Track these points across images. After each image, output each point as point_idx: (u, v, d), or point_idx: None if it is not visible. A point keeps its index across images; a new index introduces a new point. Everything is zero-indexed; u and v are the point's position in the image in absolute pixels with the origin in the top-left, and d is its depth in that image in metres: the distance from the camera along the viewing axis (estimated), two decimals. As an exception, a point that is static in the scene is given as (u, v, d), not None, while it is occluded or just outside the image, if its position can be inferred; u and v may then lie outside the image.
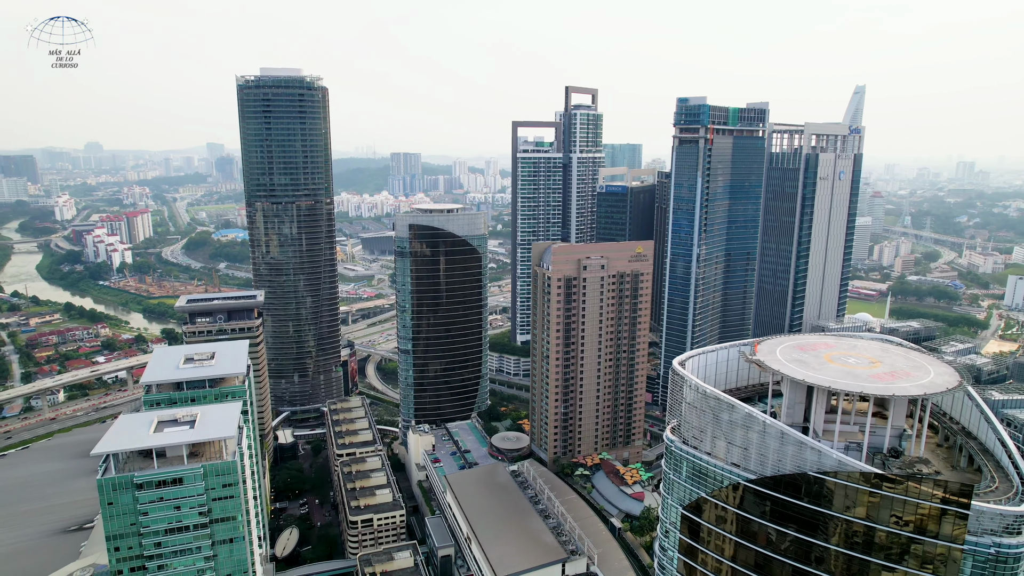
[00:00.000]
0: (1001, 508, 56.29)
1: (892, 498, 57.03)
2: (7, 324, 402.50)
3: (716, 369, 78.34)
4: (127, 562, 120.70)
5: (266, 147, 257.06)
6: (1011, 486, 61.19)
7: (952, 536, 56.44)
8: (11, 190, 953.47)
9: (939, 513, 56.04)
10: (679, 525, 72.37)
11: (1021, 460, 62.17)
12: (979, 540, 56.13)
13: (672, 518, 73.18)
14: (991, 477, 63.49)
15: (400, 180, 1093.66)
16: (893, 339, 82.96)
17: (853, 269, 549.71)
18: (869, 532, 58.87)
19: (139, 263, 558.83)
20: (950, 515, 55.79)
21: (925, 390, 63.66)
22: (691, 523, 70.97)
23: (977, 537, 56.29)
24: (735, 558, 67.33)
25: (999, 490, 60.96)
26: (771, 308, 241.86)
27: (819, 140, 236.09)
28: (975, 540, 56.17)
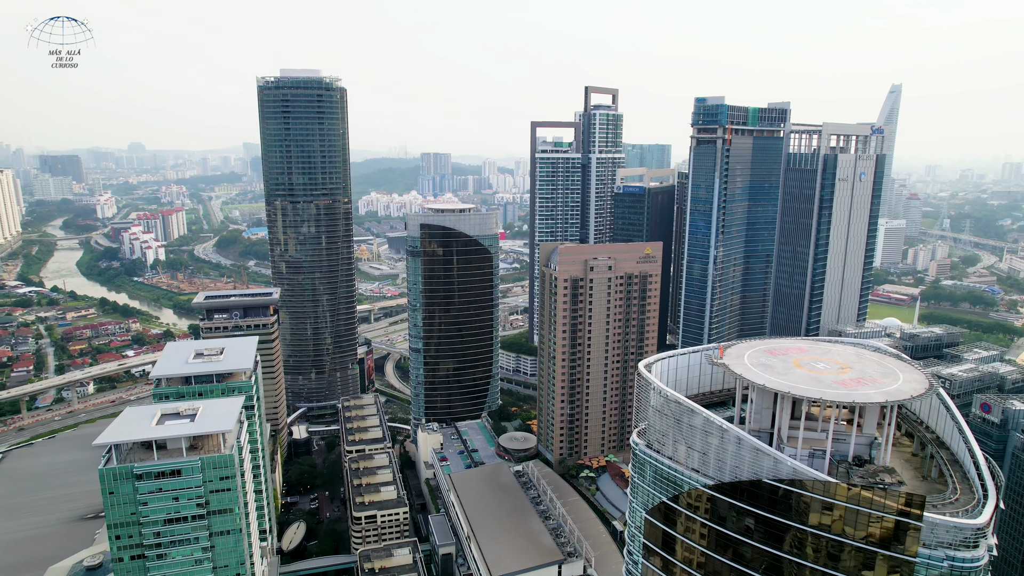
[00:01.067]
0: (954, 520, 54.28)
1: (845, 507, 55.52)
2: (45, 318, 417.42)
3: (688, 373, 77.26)
4: (127, 550, 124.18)
5: (285, 147, 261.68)
6: (972, 498, 58.97)
7: (905, 548, 54.66)
8: (57, 189, 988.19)
9: (892, 524, 54.34)
10: (643, 529, 71.67)
11: (987, 472, 59.94)
12: (932, 553, 54.20)
13: (637, 522, 72.48)
14: (954, 488, 61.28)
15: (430, 180, 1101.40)
16: (873, 344, 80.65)
17: (884, 273, 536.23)
18: (823, 542, 57.45)
19: (172, 260, 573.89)
20: (902, 527, 54.08)
21: (888, 397, 61.76)
22: (653, 527, 70.21)
23: (931, 550, 54.35)
24: (692, 563, 66.42)
25: (959, 502, 58.72)
26: (788, 311, 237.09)
27: (840, 140, 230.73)
28: (928, 553, 54.27)
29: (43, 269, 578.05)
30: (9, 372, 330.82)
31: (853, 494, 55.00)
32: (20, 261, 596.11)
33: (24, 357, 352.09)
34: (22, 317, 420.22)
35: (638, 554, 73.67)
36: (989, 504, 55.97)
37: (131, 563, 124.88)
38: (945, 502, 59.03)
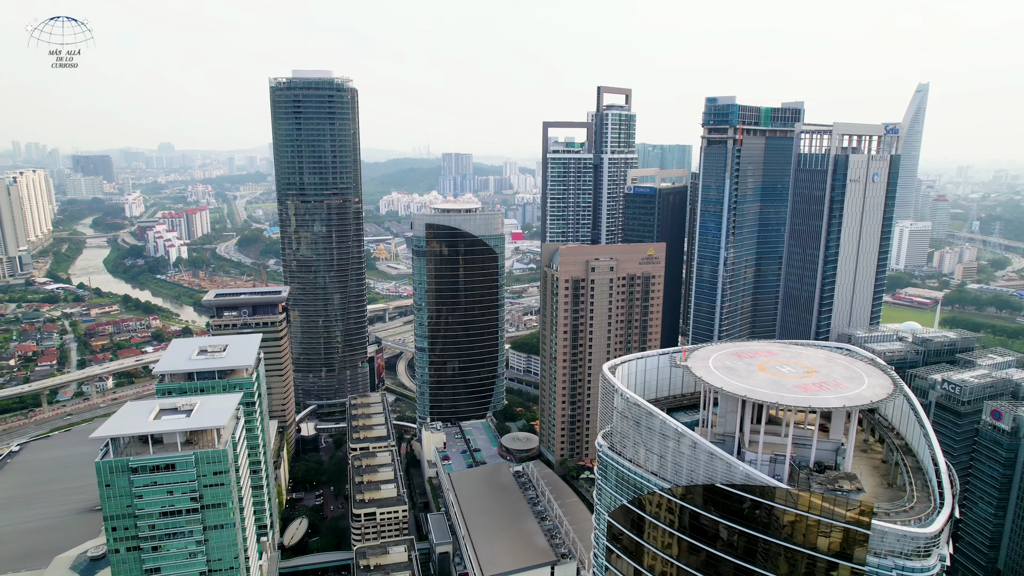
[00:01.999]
0: (904, 529, 52.89)
1: (794, 514, 54.50)
2: (71, 314, 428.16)
3: (658, 375, 76.56)
4: (123, 542, 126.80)
5: (296, 147, 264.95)
6: (928, 506, 57.42)
7: (854, 556, 53.48)
8: (88, 188, 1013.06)
9: (841, 531, 53.22)
10: (606, 532, 71.27)
11: (947, 480, 58.38)
12: (882, 562, 52.85)
13: (601, 525, 72.11)
14: (911, 496, 59.73)
15: (451, 180, 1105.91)
16: (848, 348, 78.99)
17: (908, 276, 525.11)
18: (773, 548, 56.49)
19: (194, 258, 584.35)
20: (851, 534, 52.88)
21: (846, 402, 60.47)
22: (615, 530, 69.78)
23: (880, 559, 53.02)
24: (653, 567, 65.87)
25: (914, 510, 57.16)
26: (797, 314, 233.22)
27: (854, 141, 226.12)
28: (877, 562, 52.94)
29: (72, 266, 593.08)
30: (34, 366, 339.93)
31: (803, 500, 54.00)
32: (50, 258, 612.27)
33: (49, 352, 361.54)
34: (48, 313, 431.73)
35: (602, 556, 73.30)
36: (943, 514, 54.48)
37: (127, 555, 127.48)
38: (899, 510, 57.60)
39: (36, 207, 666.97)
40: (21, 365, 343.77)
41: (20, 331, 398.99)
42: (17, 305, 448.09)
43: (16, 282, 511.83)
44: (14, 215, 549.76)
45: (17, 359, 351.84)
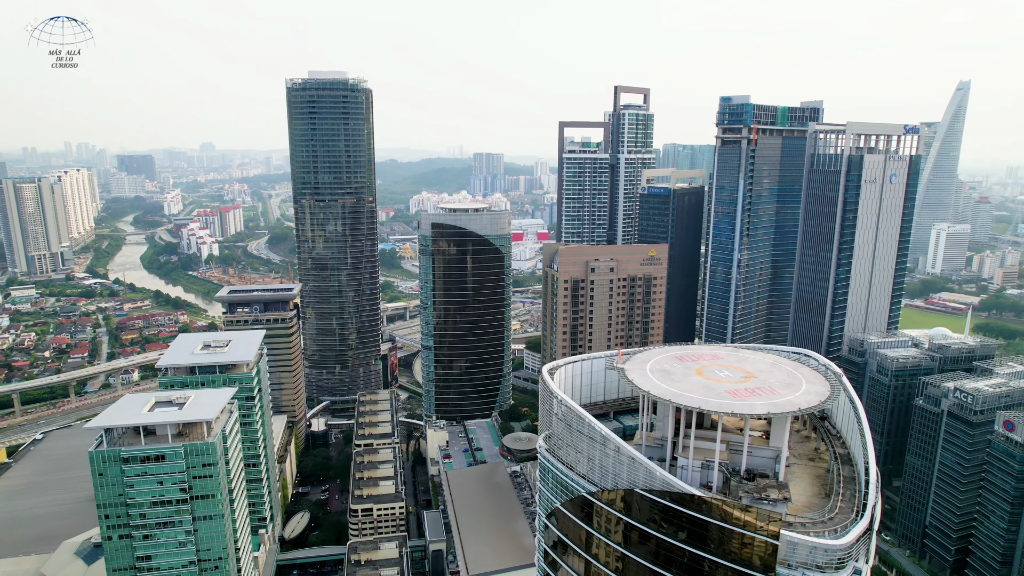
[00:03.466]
0: (814, 541, 51.17)
1: (707, 522, 53.32)
2: (105, 308, 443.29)
3: (605, 377, 75.70)
4: (116, 530, 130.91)
5: (311, 147, 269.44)
6: (849, 518, 55.42)
7: (765, 567, 52.03)
8: (131, 186, 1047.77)
9: (751, 541, 51.85)
10: (543, 535, 70.89)
11: (873, 492, 56.31)
12: (791, 573, 51.13)
13: (541, 527, 71.77)
14: (833, 506, 57.74)
15: (481, 180, 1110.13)
16: (807, 353, 76.88)
17: (943, 280, 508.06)
18: (691, 556, 55.40)
19: (225, 255, 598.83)
20: (760, 544, 51.43)
21: (771, 408, 58.77)
22: (550, 533, 69.38)
23: (791, 570, 51.36)
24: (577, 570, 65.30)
25: (833, 521, 55.24)
26: (809, 318, 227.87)
27: (871, 141, 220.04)
28: (787, 574, 51.27)
29: (111, 262, 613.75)
30: (66, 358, 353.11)
31: (715, 508, 52.83)
32: (91, 254, 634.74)
33: (81, 344, 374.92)
34: (85, 307, 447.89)
35: (542, 559, 72.96)
36: (858, 526, 52.59)
37: (119, 542, 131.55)
38: (817, 520, 55.84)
39: (79, 205, 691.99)
40: (55, 357, 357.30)
41: (57, 324, 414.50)
42: (56, 299, 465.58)
43: (57, 277, 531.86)
44: (57, 213, 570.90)
45: (52, 351, 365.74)
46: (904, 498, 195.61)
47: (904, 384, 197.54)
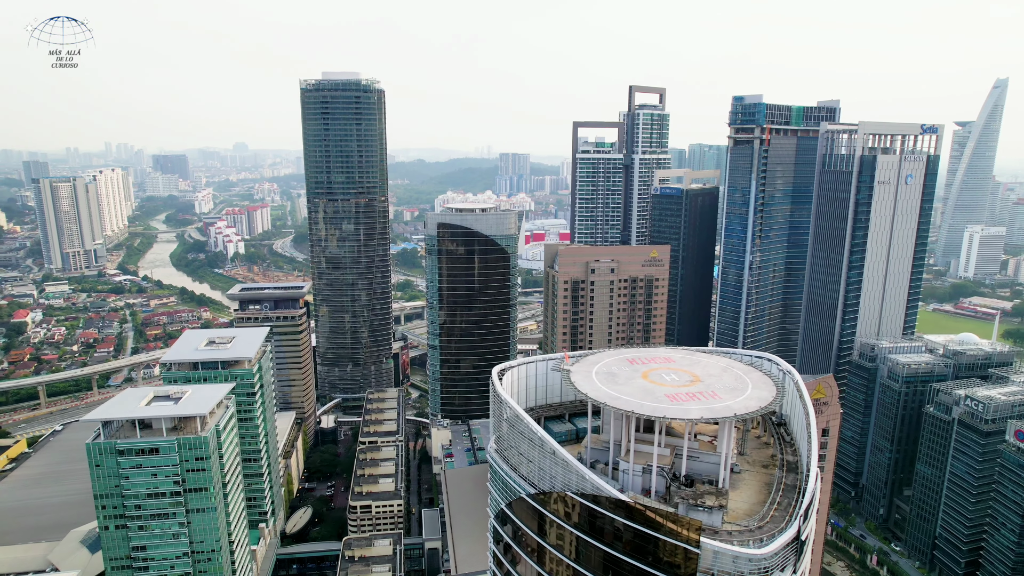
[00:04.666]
0: (734, 549, 49.90)
1: (632, 528, 52.53)
2: (132, 304, 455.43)
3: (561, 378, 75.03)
4: (112, 520, 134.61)
5: (324, 147, 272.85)
6: (777, 526, 53.92)
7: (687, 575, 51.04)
8: (165, 185, 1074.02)
9: (672, 548, 50.89)
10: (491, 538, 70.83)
11: (807, 502, 54.76)
12: (712, 583, 50.27)
13: (491, 530, 71.73)
14: (764, 515, 56.20)
15: (507, 180, 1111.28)
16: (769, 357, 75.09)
17: (976, 284, 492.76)
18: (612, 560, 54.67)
19: (251, 253, 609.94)
20: (681, 552, 50.44)
21: (705, 413, 57.47)
22: (498, 536, 69.26)
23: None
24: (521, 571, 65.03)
25: (762, 529, 53.79)
26: (820, 322, 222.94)
27: (885, 140, 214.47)
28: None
29: (142, 259, 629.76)
30: (93, 352, 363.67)
31: (637, 514, 52.08)
32: (123, 251, 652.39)
33: (108, 339, 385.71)
34: (114, 303, 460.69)
35: (491, 561, 72.88)
36: (783, 536, 51.21)
37: (116, 532, 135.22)
38: (743, 529, 54.49)
39: (113, 203, 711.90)
40: (82, 351, 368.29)
41: (87, 319, 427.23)
42: (87, 295, 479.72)
43: (90, 273, 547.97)
44: (91, 211, 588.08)
45: (80, 345, 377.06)
46: (914, 508, 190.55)
47: (915, 391, 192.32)
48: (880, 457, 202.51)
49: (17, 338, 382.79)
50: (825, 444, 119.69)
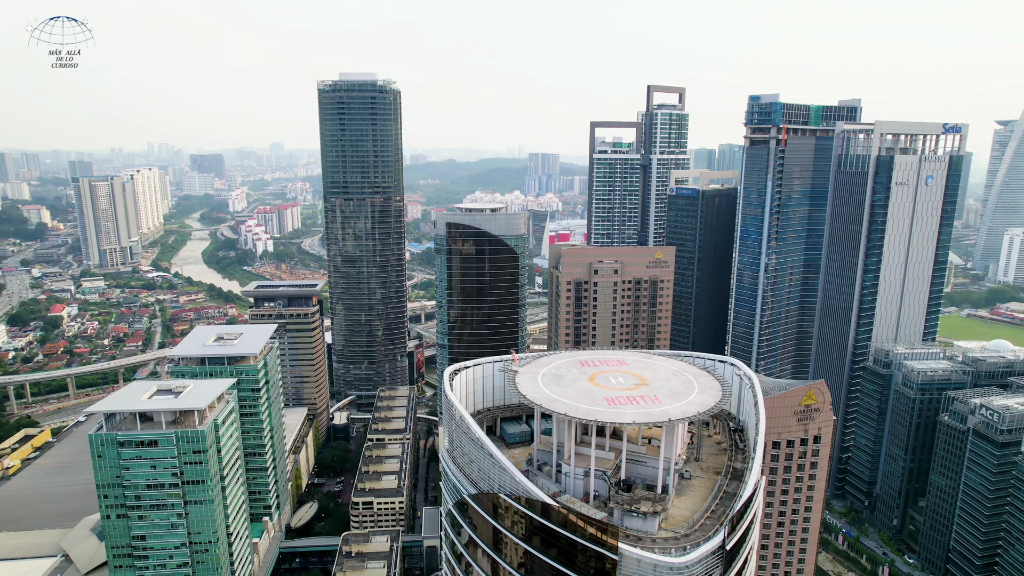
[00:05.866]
0: (653, 557, 48.80)
1: (557, 532, 51.99)
2: (162, 300, 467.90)
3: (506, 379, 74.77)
4: (114, 509, 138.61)
5: (340, 147, 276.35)
6: (705, 535, 52.54)
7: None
8: (202, 184, 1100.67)
9: (593, 554, 50.17)
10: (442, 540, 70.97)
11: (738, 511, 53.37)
12: (633, 590, 49.28)
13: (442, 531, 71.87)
14: (694, 523, 54.82)
15: (536, 180, 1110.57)
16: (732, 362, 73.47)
17: (1015, 290, 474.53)
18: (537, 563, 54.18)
19: (279, 252, 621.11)
20: (601, 558, 49.64)
21: (638, 418, 56.46)
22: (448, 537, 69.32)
23: (633, 586, 49.45)
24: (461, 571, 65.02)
25: (688, 538, 52.46)
26: (835, 325, 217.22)
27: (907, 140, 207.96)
28: (629, 589, 49.42)
29: (175, 257, 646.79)
30: (122, 346, 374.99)
31: (558, 516, 51.53)
32: (158, 248, 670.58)
33: (137, 333, 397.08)
34: (145, 298, 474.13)
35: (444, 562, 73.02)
36: (706, 545, 49.96)
37: (117, 521, 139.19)
38: (669, 536, 53.37)
39: (150, 202, 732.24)
40: (113, 344, 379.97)
41: (119, 314, 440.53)
42: (121, 291, 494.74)
43: (125, 270, 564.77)
44: (127, 209, 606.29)
45: (110, 339, 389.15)
46: (928, 519, 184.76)
47: (930, 398, 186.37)
48: (894, 466, 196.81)
49: (53, 331, 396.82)
50: (817, 452, 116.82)
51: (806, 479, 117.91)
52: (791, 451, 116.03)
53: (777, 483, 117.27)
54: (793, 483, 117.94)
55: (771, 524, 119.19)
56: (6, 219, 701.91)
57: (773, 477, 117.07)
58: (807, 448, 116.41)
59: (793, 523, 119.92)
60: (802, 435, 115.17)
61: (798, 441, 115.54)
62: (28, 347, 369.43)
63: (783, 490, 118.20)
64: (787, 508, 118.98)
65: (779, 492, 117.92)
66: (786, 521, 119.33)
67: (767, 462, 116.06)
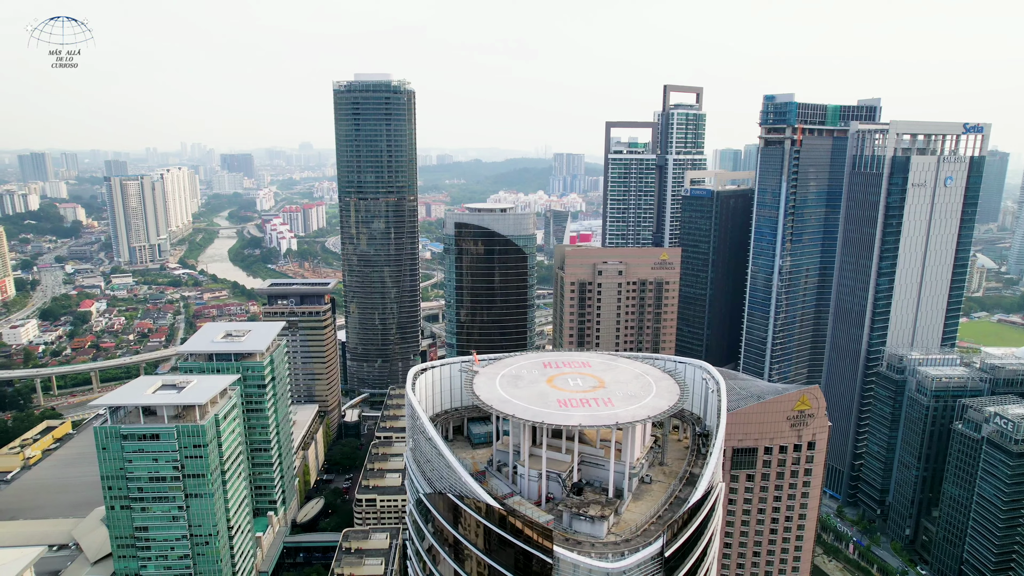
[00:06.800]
0: (586, 561, 47.96)
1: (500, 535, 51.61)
2: (187, 297, 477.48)
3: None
4: (118, 500, 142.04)
5: (355, 146, 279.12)
6: (645, 541, 51.54)
7: (546, 585, 49.82)
8: (231, 183, 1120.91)
9: (527, 557, 49.69)
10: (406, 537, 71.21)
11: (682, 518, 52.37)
12: (569, 595, 48.60)
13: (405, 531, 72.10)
14: (637, 528, 53.81)
15: (560, 180, 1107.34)
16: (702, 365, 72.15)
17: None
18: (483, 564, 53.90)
19: (303, 250, 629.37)
20: (537, 561, 49.13)
21: (584, 421, 55.59)
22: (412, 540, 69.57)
23: (570, 591, 48.78)
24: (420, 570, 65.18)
25: (628, 543, 51.49)
26: (848, 330, 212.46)
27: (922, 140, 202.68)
28: (565, 594, 48.74)
29: (202, 254, 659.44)
30: (146, 342, 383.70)
31: (499, 519, 51.25)
32: (186, 246, 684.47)
33: (161, 329, 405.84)
34: (171, 295, 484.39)
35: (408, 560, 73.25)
36: (643, 552, 49.05)
37: (121, 512, 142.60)
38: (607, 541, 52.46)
39: (179, 201, 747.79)
40: (137, 340, 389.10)
41: (145, 310, 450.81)
42: (148, 287, 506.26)
43: (153, 267, 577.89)
44: (156, 208, 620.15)
45: (135, 334, 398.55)
46: (941, 530, 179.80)
47: (945, 406, 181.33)
48: (907, 475, 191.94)
49: (82, 326, 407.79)
50: (812, 458, 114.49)
51: (800, 486, 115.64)
52: (784, 457, 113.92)
53: (769, 489, 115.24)
54: (786, 490, 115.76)
55: (763, 531, 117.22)
56: (44, 217, 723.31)
57: (765, 483, 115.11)
58: (801, 454, 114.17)
59: (787, 530, 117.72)
60: (795, 441, 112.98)
61: (791, 447, 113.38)
62: (57, 341, 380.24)
63: (776, 496, 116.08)
64: (780, 515, 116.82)
65: (771, 499, 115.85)
66: (779, 528, 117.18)
67: (759, 468, 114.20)
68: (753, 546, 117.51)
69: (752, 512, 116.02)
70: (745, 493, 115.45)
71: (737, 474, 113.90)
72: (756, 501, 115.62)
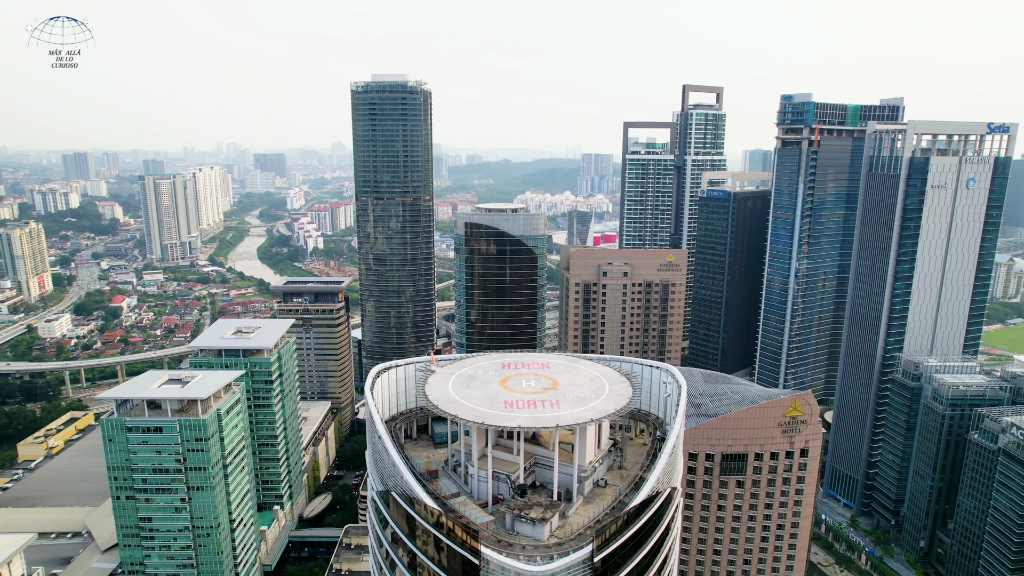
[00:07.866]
0: (513, 564, 47.30)
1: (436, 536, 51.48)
2: (214, 293, 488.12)
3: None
4: (123, 491, 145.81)
5: (371, 146, 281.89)
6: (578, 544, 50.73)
7: (479, 585, 49.53)
8: (263, 183, 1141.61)
9: (461, 558, 49.38)
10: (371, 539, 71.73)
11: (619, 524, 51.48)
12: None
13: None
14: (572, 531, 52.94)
15: (588, 180, 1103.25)
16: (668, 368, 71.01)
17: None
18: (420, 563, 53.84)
19: (329, 249, 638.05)
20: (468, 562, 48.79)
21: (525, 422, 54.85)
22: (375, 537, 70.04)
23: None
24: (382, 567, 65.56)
25: (561, 547, 50.69)
26: (863, 335, 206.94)
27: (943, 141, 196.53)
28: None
29: (231, 252, 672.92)
30: (172, 337, 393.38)
31: (434, 518, 51.17)
32: (216, 244, 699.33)
33: (187, 325, 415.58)
34: (199, 291, 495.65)
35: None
36: (570, 556, 48.34)
37: (126, 502, 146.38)
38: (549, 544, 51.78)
39: (211, 199, 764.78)
40: (164, 335, 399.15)
41: (173, 306, 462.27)
42: (177, 284, 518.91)
43: (183, 263, 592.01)
44: (188, 206, 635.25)
45: (162, 329, 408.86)
46: (955, 542, 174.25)
47: (962, 415, 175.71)
48: (922, 485, 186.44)
49: (113, 321, 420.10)
50: (804, 465, 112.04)
51: (792, 493, 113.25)
52: (775, 464, 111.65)
53: (760, 496, 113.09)
54: (778, 497, 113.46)
55: (754, 540, 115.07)
56: (83, 215, 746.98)
57: (756, 490, 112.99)
58: (793, 461, 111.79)
59: (779, 539, 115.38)
60: (787, 447, 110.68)
61: (783, 454, 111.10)
62: (89, 335, 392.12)
63: (767, 504, 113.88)
64: (771, 523, 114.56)
65: (763, 506, 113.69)
66: (770, 536, 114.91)
67: (749, 474, 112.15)
68: (743, 554, 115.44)
69: (742, 519, 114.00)
70: (735, 500, 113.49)
71: (727, 480, 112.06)
72: (747, 508, 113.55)
